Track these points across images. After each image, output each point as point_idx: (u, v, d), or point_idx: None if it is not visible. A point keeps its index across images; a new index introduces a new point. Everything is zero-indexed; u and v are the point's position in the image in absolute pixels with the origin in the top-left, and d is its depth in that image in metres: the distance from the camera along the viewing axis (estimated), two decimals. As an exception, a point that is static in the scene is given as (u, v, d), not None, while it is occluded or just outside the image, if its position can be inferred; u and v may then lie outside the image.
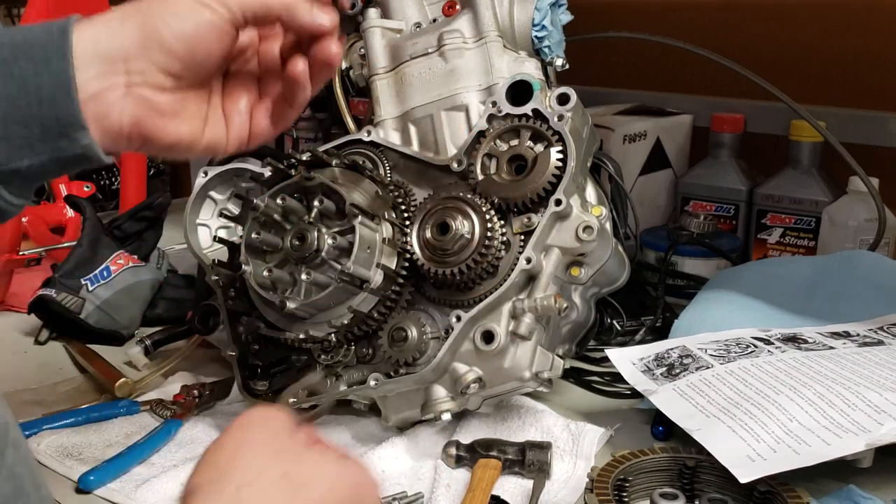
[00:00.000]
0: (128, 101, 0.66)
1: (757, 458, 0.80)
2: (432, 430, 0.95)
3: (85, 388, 1.10)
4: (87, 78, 0.64)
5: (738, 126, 1.46)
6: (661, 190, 1.51)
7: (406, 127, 0.99)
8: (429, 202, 0.92)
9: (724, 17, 1.58)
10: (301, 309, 0.89)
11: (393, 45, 1.01)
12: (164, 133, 0.69)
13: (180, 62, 0.67)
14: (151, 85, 0.67)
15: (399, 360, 0.90)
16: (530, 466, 0.87)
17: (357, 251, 0.87)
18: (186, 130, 0.70)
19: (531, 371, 0.89)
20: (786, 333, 1.04)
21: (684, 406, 0.90)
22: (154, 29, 0.66)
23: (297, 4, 0.71)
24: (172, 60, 0.67)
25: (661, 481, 0.85)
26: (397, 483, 0.88)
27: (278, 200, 0.90)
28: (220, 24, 0.68)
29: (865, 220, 1.28)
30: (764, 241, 1.41)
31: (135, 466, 0.90)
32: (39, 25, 0.65)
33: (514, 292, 0.88)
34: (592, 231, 0.88)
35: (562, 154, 0.89)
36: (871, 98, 1.43)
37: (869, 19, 1.44)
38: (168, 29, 0.66)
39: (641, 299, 1.27)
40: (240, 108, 0.74)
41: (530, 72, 0.96)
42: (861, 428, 0.81)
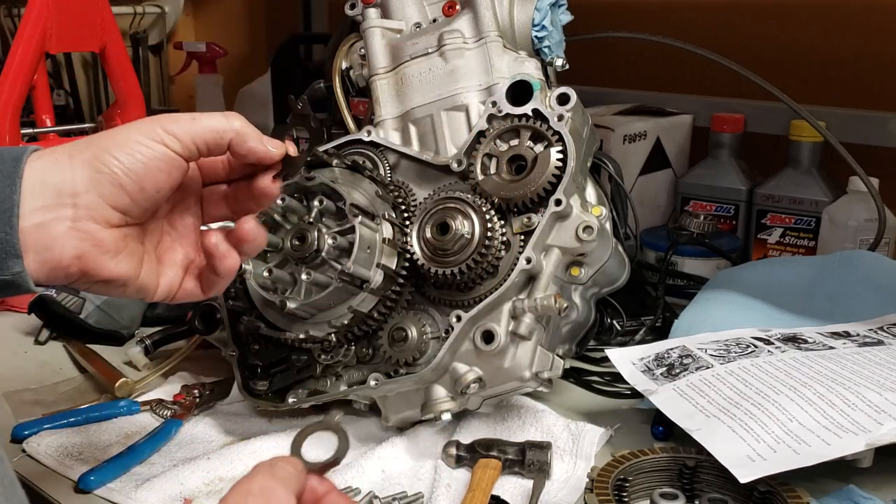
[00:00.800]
0: (72, 234, 0.66)
1: (757, 458, 0.80)
2: (432, 430, 0.95)
3: (85, 388, 1.10)
4: (34, 208, 0.64)
5: (738, 126, 1.46)
6: (661, 190, 1.51)
7: (406, 127, 0.99)
8: (429, 202, 0.92)
9: (724, 17, 1.58)
10: (301, 309, 0.89)
11: (393, 46, 1.01)
12: (104, 269, 0.68)
13: (129, 197, 0.67)
14: (98, 220, 0.67)
15: (399, 360, 0.90)
16: (530, 466, 0.87)
17: (357, 251, 0.87)
18: (124, 269, 0.69)
19: (531, 371, 0.89)
20: (786, 333, 1.04)
21: (684, 406, 0.90)
22: (104, 164, 0.66)
23: (246, 131, 0.72)
24: (122, 195, 0.67)
25: (661, 481, 0.85)
26: (397, 483, 0.88)
27: (279, 200, 0.90)
28: (171, 158, 0.68)
29: (865, 220, 1.28)
30: (764, 241, 1.41)
31: (135, 466, 0.90)
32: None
33: (514, 292, 0.88)
34: (592, 231, 0.88)
35: (562, 154, 0.89)
36: (871, 98, 1.43)
37: (869, 19, 1.45)
38: (118, 165, 0.66)
39: (641, 299, 1.27)
40: (175, 259, 0.74)
41: (530, 72, 0.96)
42: (861, 428, 0.81)
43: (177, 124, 0.69)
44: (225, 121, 0.71)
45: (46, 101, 1.43)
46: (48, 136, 1.39)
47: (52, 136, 1.39)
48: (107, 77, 1.47)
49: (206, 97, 2.04)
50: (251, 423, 0.99)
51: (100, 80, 2.20)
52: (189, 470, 0.88)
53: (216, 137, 0.70)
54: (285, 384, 0.95)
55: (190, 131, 0.69)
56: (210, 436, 0.98)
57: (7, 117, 1.26)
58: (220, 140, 0.71)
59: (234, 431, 0.98)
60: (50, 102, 1.44)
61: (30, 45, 1.28)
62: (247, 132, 0.72)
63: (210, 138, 0.70)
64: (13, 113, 1.27)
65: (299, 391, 0.94)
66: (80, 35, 1.34)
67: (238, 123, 0.71)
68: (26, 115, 1.38)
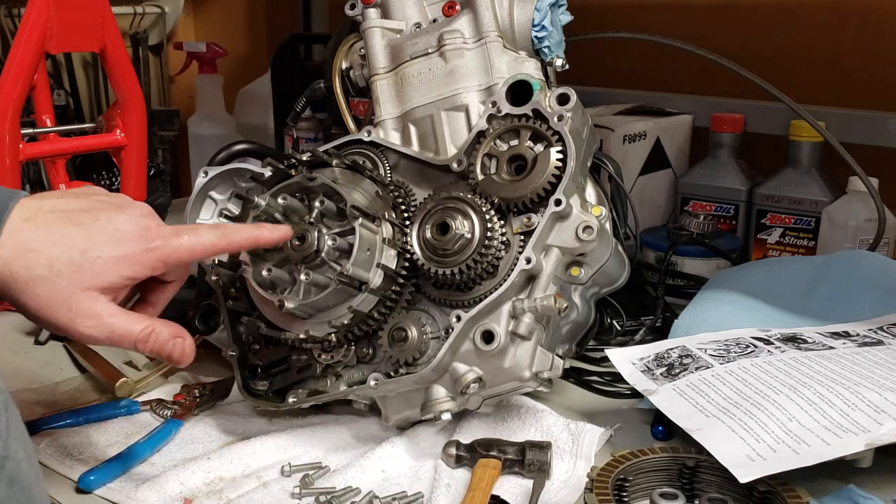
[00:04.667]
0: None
1: (757, 457, 0.80)
2: (432, 430, 0.95)
3: (85, 388, 1.10)
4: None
5: (738, 126, 1.46)
6: (661, 190, 1.52)
7: (406, 127, 0.99)
8: (429, 202, 0.92)
9: (724, 17, 1.58)
10: (300, 309, 0.89)
11: (393, 46, 1.01)
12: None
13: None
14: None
15: (399, 360, 0.90)
16: (530, 466, 0.87)
17: (357, 253, 0.87)
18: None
19: (531, 371, 0.89)
20: (785, 333, 1.04)
21: (684, 406, 0.90)
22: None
23: (259, 235, 0.83)
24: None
25: (660, 481, 0.85)
26: (397, 483, 0.88)
27: (279, 199, 0.90)
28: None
29: (865, 220, 1.28)
30: (764, 241, 1.41)
31: (135, 466, 0.90)
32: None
33: (514, 292, 0.88)
34: (592, 231, 0.88)
35: (562, 154, 0.89)
36: (871, 98, 1.44)
37: (869, 19, 1.44)
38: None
39: (641, 299, 1.27)
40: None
41: (530, 72, 0.96)
42: (861, 428, 0.81)
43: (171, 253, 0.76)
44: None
45: (46, 101, 1.42)
46: (48, 136, 1.39)
47: (51, 136, 1.39)
48: (107, 77, 1.47)
49: (206, 97, 2.03)
50: (251, 423, 0.99)
51: (100, 80, 2.20)
52: (189, 470, 0.88)
53: (232, 249, 0.83)
54: (285, 384, 0.95)
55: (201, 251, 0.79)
56: (210, 436, 0.98)
57: (7, 117, 1.26)
58: (236, 249, 0.84)
59: (234, 431, 0.98)
60: (50, 102, 1.43)
61: (30, 45, 1.28)
62: (258, 237, 0.84)
63: (226, 250, 0.83)
64: (13, 113, 1.27)
65: (299, 391, 0.94)
66: (80, 35, 1.34)
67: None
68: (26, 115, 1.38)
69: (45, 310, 0.70)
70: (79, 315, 0.71)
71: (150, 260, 0.74)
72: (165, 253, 0.75)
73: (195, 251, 0.77)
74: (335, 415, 1.00)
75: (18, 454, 0.53)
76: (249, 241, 0.83)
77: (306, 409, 0.99)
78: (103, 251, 0.72)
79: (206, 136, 1.95)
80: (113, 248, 0.72)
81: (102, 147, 1.43)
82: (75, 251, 0.70)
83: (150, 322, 0.76)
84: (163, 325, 0.77)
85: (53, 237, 0.70)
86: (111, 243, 0.72)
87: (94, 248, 0.71)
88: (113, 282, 0.72)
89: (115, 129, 1.41)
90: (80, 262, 0.70)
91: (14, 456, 0.52)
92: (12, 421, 0.54)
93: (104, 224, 0.73)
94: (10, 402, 0.55)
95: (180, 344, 0.78)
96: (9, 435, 0.53)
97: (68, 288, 0.70)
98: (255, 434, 0.96)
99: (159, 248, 0.74)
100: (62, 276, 0.70)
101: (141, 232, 0.74)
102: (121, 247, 0.72)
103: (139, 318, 0.76)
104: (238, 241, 0.82)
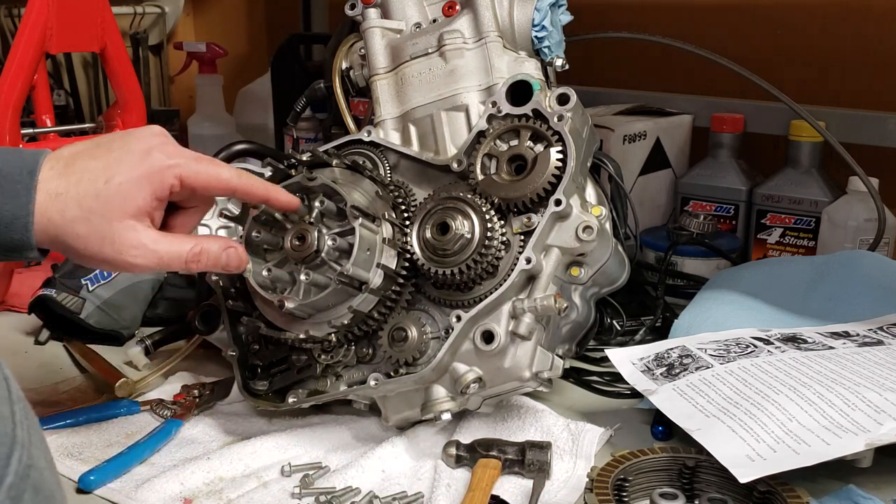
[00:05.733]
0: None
1: (757, 457, 0.80)
2: (432, 430, 0.95)
3: (85, 388, 1.10)
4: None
5: (738, 126, 1.46)
6: (661, 190, 1.52)
7: (406, 127, 0.99)
8: (429, 202, 0.92)
9: (724, 17, 1.58)
10: (300, 309, 0.89)
11: (393, 46, 1.01)
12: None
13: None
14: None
15: (399, 360, 0.90)
16: (530, 466, 0.87)
17: (357, 253, 0.87)
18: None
19: (531, 371, 0.89)
20: (785, 333, 1.04)
21: (684, 406, 0.90)
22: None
23: (271, 191, 0.83)
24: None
25: (660, 481, 0.85)
26: (397, 483, 0.88)
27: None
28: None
29: (865, 220, 1.28)
30: (764, 241, 1.41)
31: (135, 466, 0.90)
32: (14, 157, 0.72)
33: (514, 292, 0.88)
34: (592, 231, 0.88)
35: (562, 154, 0.89)
36: (871, 98, 1.43)
37: (868, 19, 1.44)
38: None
39: (641, 299, 1.27)
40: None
41: (530, 72, 0.96)
42: (861, 428, 0.81)
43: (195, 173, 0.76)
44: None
45: (46, 101, 1.43)
46: (48, 136, 1.39)
47: (52, 136, 1.39)
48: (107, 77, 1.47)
49: (206, 97, 2.03)
50: (251, 423, 0.99)
51: (100, 80, 2.20)
52: (189, 470, 0.88)
53: (250, 197, 0.83)
54: (285, 384, 0.95)
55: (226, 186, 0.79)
56: (210, 436, 0.98)
57: (7, 117, 1.26)
58: (252, 199, 0.84)
59: (234, 431, 0.98)
60: (50, 102, 1.44)
61: (30, 45, 1.28)
62: (276, 195, 0.84)
63: (246, 196, 0.82)
64: (13, 113, 1.27)
65: (299, 391, 0.94)
66: (80, 35, 1.34)
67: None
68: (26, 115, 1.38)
69: (93, 247, 0.72)
70: (123, 247, 0.72)
71: (169, 176, 0.74)
72: (185, 173, 0.75)
73: (211, 180, 0.77)
74: (335, 415, 1.00)
75: (41, 462, 0.53)
76: (262, 193, 0.82)
77: (306, 409, 0.99)
78: (124, 175, 0.72)
79: (206, 136, 1.95)
80: (132, 170, 0.72)
81: (102, 147, 1.43)
82: (99, 182, 0.71)
83: (196, 240, 0.76)
84: (210, 241, 0.77)
85: (76, 176, 0.72)
86: (129, 165, 0.73)
87: (115, 175, 0.72)
88: (141, 204, 0.72)
89: (115, 129, 1.41)
90: (105, 192, 0.71)
91: (37, 464, 0.52)
92: (33, 429, 0.54)
93: (119, 151, 0.74)
94: (30, 411, 0.55)
95: (234, 253, 0.78)
96: (31, 444, 0.52)
97: (103, 222, 0.71)
98: (255, 434, 0.96)
99: (179, 165, 0.75)
100: (94, 211, 0.71)
101: (158, 147, 0.75)
102: (140, 166, 0.73)
103: (184, 239, 0.76)
104: (253, 189, 0.81)
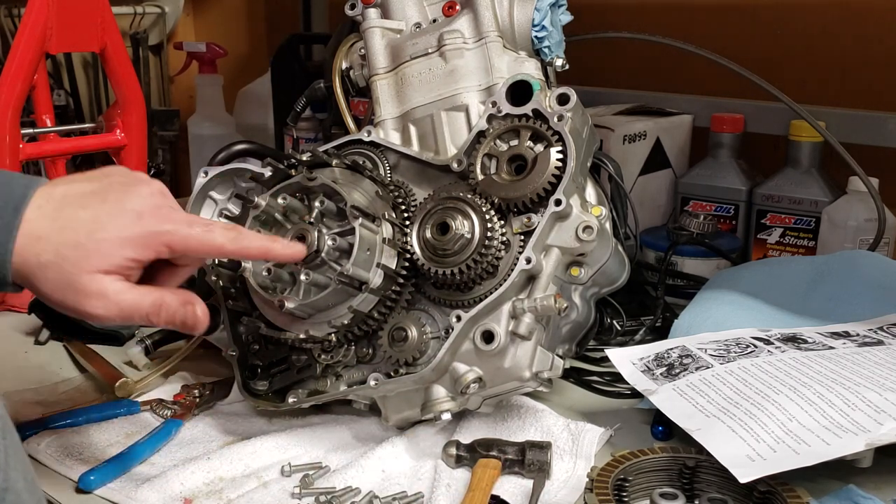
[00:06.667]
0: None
1: (757, 458, 0.80)
2: (432, 430, 0.95)
3: (85, 388, 1.10)
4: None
5: (738, 126, 1.46)
6: (661, 190, 1.52)
7: (406, 127, 0.99)
8: (429, 202, 0.92)
9: (724, 17, 1.58)
10: (300, 309, 0.89)
11: (393, 46, 1.01)
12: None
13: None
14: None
15: (399, 360, 0.90)
16: (530, 466, 0.87)
17: (357, 253, 0.87)
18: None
19: (531, 371, 0.89)
20: (786, 333, 1.04)
21: (684, 406, 0.90)
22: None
23: (271, 248, 0.80)
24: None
25: (661, 481, 0.85)
26: (397, 483, 0.88)
27: (280, 199, 0.90)
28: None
29: (865, 220, 1.28)
30: (764, 241, 1.41)
31: (135, 466, 0.90)
32: (2, 188, 0.71)
33: (514, 292, 0.88)
34: (592, 231, 0.88)
35: (562, 154, 0.89)
36: (871, 98, 1.43)
37: (868, 19, 1.44)
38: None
39: (641, 299, 1.27)
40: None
41: (530, 72, 0.96)
42: (861, 428, 0.81)
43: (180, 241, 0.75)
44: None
45: (46, 101, 1.42)
46: (48, 136, 1.39)
47: (52, 136, 1.39)
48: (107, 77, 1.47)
49: (206, 97, 2.03)
50: (251, 423, 0.99)
51: (100, 80, 2.20)
52: (189, 470, 0.88)
53: (243, 257, 0.83)
54: (285, 384, 0.95)
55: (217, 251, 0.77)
56: (210, 436, 0.98)
57: (7, 117, 1.26)
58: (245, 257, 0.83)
59: (234, 431, 0.98)
60: (50, 102, 1.43)
61: (30, 45, 1.28)
62: (271, 250, 0.81)
63: (237, 257, 0.83)
64: (13, 113, 1.27)
65: (299, 391, 0.94)
66: (80, 35, 1.34)
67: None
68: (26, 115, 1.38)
69: (57, 293, 0.71)
70: (87, 297, 0.71)
71: (157, 244, 0.73)
72: (174, 240, 0.73)
73: (203, 247, 0.75)
74: (335, 415, 1.00)
75: (18, 484, 0.52)
76: (261, 251, 0.81)
77: (306, 409, 0.99)
78: (109, 232, 0.71)
79: (206, 136, 1.95)
80: (119, 230, 0.71)
81: (102, 147, 1.43)
82: (81, 234, 0.70)
83: (159, 293, 0.75)
84: (171, 295, 0.76)
85: (61, 222, 0.70)
86: (118, 224, 0.72)
87: (100, 230, 0.71)
88: (117, 263, 0.71)
89: (115, 129, 1.41)
90: (85, 244, 0.70)
91: (14, 487, 0.51)
92: (11, 448, 0.53)
93: (112, 205, 0.72)
94: (10, 428, 0.54)
95: (191, 310, 0.77)
96: (8, 465, 0.51)
97: (74, 271, 0.70)
98: (255, 434, 0.96)
99: (168, 232, 0.73)
100: (67, 260, 0.70)
101: (151, 212, 0.73)
102: (128, 228, 0.72)
103: (148, 291, 0.74)
104: (249, 250, 0.80)
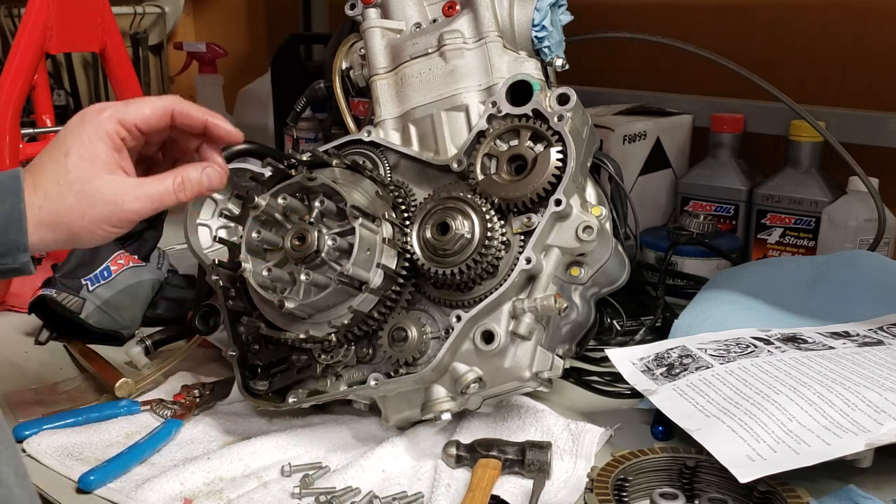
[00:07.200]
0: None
1: (757, 458, 0.80)
2: (432, 430, 0.95)
3: (85, 388, 1.10)
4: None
5: (738, 126, 1.46)
6: (661, 190, 1.52)
7: (406, 127, 0.99)
8: (429, 202, 0.92)
9: (724, 17, 1.58)
10: (300, 309, 0.89)
11: (393, 46, 1.01)
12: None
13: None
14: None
15: (399, 360, 0.90)
16: (530, 466, 0.87)
17: (357, 253, 0.87)
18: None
19: (531, 371, 0.89)
20: (786, 333, 1.04)
21: (684, 406, 0.90)
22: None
23: (216, 118, 0.84)
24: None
25: (661, 481, 0.85)
26: (397, 483, 0.88)
27: (280, 199, 0.90)
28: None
29: (865, 220, 1.28)
30: (764, 241, 1.41)
31: (135, 466, 0.91)
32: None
33: (514, 292, 0.88)
34: (592, 231, 0.88)
35: (562, 154, 0.89)
36: (871, 98, 1.43)
37: (868, 19, 1.44)
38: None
39: (641, 299, 1.27)
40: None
41: (530, 72, 0.96)
42: (861, 428, 0.81)
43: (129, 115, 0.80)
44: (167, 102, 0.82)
45: (46, 101, 1.43)
46: (48, 136, 1.39)
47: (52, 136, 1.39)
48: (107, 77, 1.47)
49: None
50: (251, 423, 0.99)
51: (100, 80, 2.20)
52: (189, 470, 0.88)
53: (190, 122, 0.83)
54: (285, 384, 0.95)
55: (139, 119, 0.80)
56: (210, 436, 0.98)
57: (7, 117, 1.26)
58: (193, 126, 0.83)
59: (234, 431, 0.98)
60: (50, 102, 1.44)
61: (30, 45, 1.28)
62: (217, 124, 0.84)
63: (186, 122, 0.83)
64: (13, 113, 1.27)
65: (299, 391, 0.94)
66: (80, 35, 1.34)
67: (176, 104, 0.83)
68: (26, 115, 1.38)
69: (89, 213, 0.75)
70: (115, 197, 0.76)
71: (108, 123, 0.78)
72: (119, 115, 0.79)
73: (146, 113, 0.80)
74: (335, 415, 1.00)
75: (10, 479, 0.52)
76: (201, 115, 0.84)
77: (306, 409, 0.99)
78: (73, 144, 0.77)
79: (206, 136, 1.94)
80: (77, 137, 0.77)
81: (102, 147, 1.43)
82: (60, 161, 0.76)
83: (176, 171, 0.80)
84: (188, 168, 0.81)
85: (38, 167, 0.77)
86: (73, 135, 0.78)
87: (67, 148, 0.77)
88: (105, 158, 0.77)
89: (115, 130, 1.41)
90: (69, 164, 0.76)
91: (6, 481, 0.51)
92: (1, 444, 0.53)
93: (63, 133, 0.79)
94: (1, 423, 0.54)
95: (212, 171, 0.82)
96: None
97: (85, 184, 0.75)
98: (255, 434, 0.96)
99: (109, 109, 0.79)
100: (71, 181, 0.75)
101: (88, 112, 0.80)
102: (81, 130, 0.78)
103: (164, 175, 0.80)
104: (192, 111, 0.83)
